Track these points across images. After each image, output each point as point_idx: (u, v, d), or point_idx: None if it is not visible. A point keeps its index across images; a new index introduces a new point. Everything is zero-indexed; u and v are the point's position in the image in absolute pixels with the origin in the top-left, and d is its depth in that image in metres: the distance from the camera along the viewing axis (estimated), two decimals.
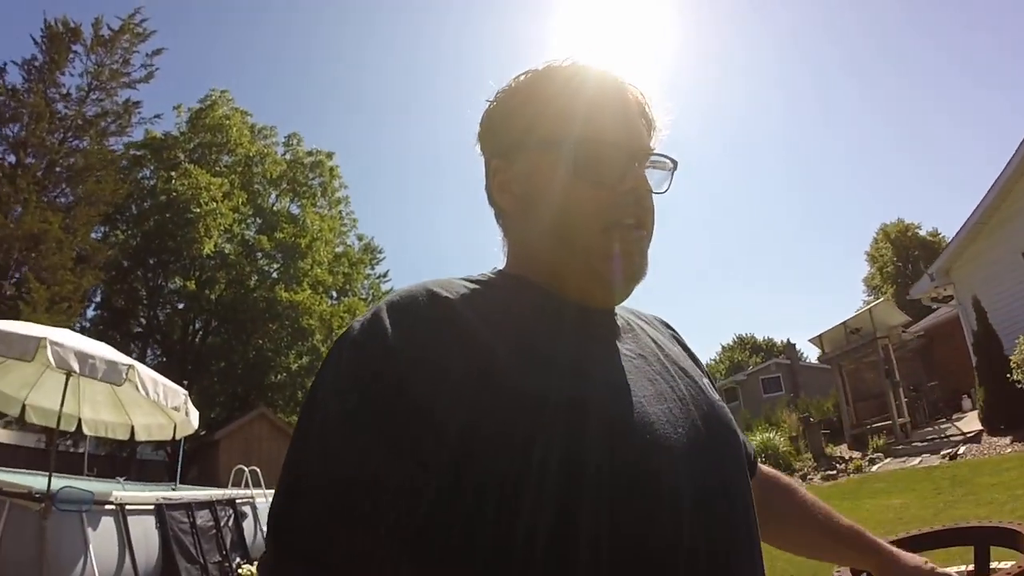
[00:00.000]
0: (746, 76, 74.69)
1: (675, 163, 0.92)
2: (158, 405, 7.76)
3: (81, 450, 15.18)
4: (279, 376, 30.02)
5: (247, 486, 10.61)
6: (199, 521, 8.27)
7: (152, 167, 29.95)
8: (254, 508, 9.91)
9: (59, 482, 6.41)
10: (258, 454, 18.89)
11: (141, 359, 27.44)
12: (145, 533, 7.28)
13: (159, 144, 29.94)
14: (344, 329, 0.76)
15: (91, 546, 6.36)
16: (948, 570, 1.12)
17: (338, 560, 0.65)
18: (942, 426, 14.08)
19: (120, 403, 8.76)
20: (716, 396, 0.92)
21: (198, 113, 31.46)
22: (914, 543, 3.49)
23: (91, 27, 24.58)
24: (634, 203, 0.86)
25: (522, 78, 0.93)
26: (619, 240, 0.85)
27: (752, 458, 1.10)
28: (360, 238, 38.61)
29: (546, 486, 0.65)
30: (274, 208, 33.67)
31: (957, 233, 14.78)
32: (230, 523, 9.11)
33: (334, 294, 34.48)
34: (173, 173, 27.88)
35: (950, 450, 11.54)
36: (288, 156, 34.81)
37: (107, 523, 6.78)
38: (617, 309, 0.95)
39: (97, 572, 6.28)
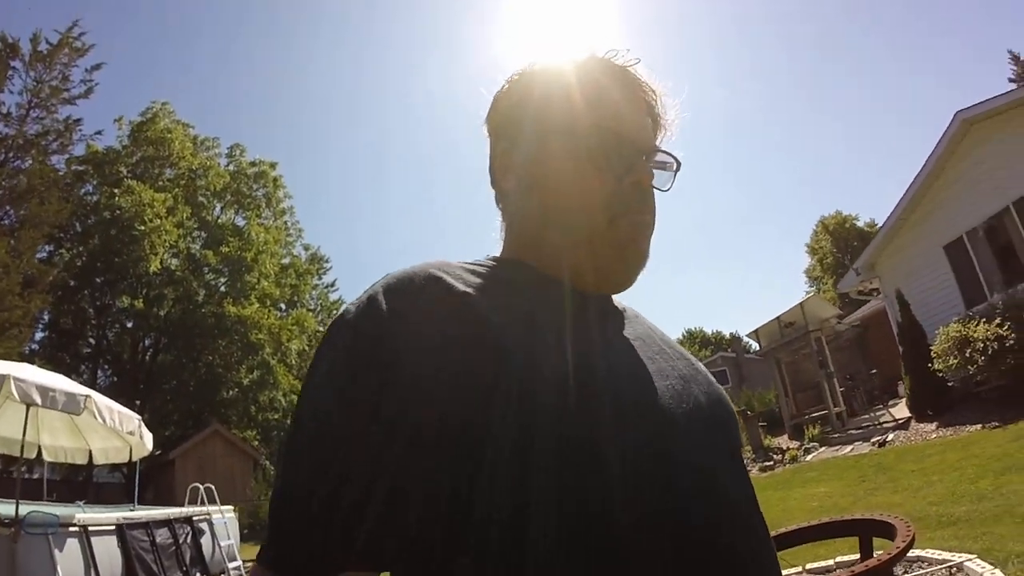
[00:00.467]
0: (686, 67, 76.18)
1: (679, 163, 0.92)
2: (114, 430, 8.10)
3: (36, 476, 15.23)
4: (231, 392, 30.05)
5: (203, 503, 10.90)
6: (159, 539, 8.59)
7: (95, 182, 29.78)
8: (211, 524, 10.20)
9: (24, 508, 6.71)
10: (213, 471, 19.01)
11: (92, 380, 27.31)
12: (108, 552, 7.60)
13: (101, 159, 29.80)
14: (332, 316, 0.82)
15: (59, 567, 6.68)
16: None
17: (327, 545, 0.64)
18: (877, 413, 14.60)
19: (78, 429, 9.07)
20: (712, 377, 0.92)
21: (139, 126, 31.40)
22: (802, 535, 4.04)
23: (29, 42, 24.40)
24: (638, 199, 0.85)
25: (537, 65, 0.93)
26: (628, 227, 0.84)
27: None
28: (307, 248, 38.93)
29: (553, 457, 0.64)
30: (219, 221, 33.69)
31: (880, 228, 15.47)
32: (188, 540, 9.42)
33: (283, 306, 34.65)
34: (116, 190, 27.75)
35: (880, 437, 12.08)
36: (232, 167, 34.87)
37: (72, 544, 7.09)
38: (613, 297, 0.95)
39: None
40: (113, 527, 7.92)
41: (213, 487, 11.47)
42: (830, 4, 71.99)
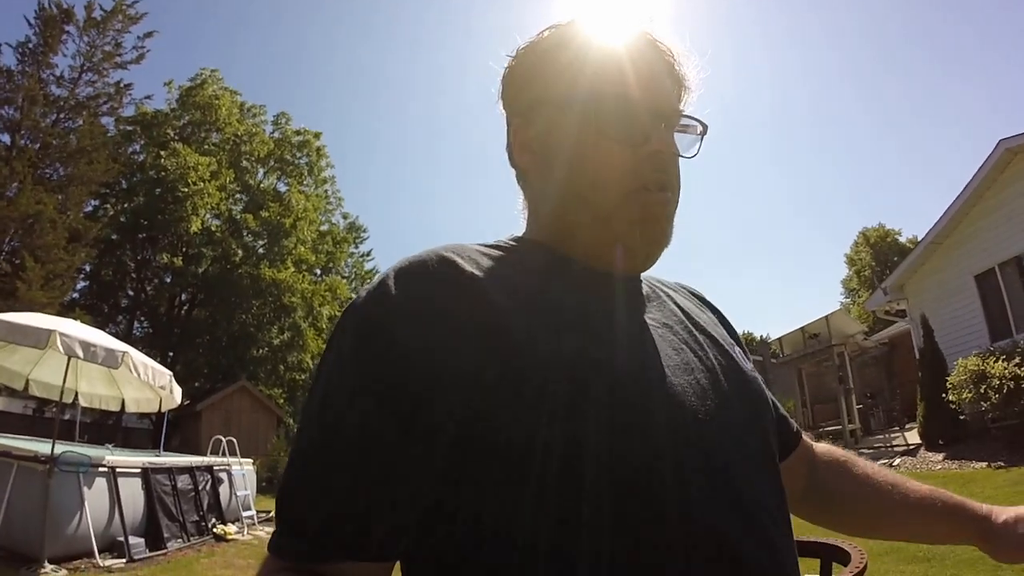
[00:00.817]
0: (741, 66, 75.27)
1: (705, 127, 0.89)
2: (147, 384, 8.79)
3: (69, 417, 16.16)
4: (261, 351, 30.71)
5: (224, 455, 11.55)
6: (180, 484, 9.27)
7: (142, 142, 30.42)
8: (230, 475, 10.93)
9: (58, 447, 7.32)
10: (238, 425, 19.80)
11: (128, 331, 28.15)
12: (132, 493, 8.29)
13: (149, 121, 30.40)
14: (347, 301, 0.89)
15: (87, 503, 7.38)
16: None
17: (342, 527, 0.64)
18: (892, 435, 14.45)
19: (114, 380, 9.76)
20: (749, 365, 0.89)
21: (188, 91, 31.95)
22: None
23: (84, 9, 24.89)
24: (658, 167, 0.81)
25: (545, 33, 0.89)
26: (643, 204, 0.80)
27: (794, 430, 1.06)
28: (345, 216, 39.32)
29: (558, 456, 0.62)
30: (261, 185, 34.24)
31: (913, 251, 15.33)
32: (207, 487, 10.12)
33: (317, 271, 35.13)
34: (163, 152, 28.44)
35: (887, 461, 11.76)
36: (276, 135, 35.29)
37: (100, 483, 7.79)
38: (642, 277, 0.91)
39: (92, 525, 7.31)
40: (139, 470, 8.59)
41: (235, 440, 12.14)
42: (892, 21, 70.73)
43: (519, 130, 0.90)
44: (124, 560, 7.53)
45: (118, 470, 8.14)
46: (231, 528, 10.00)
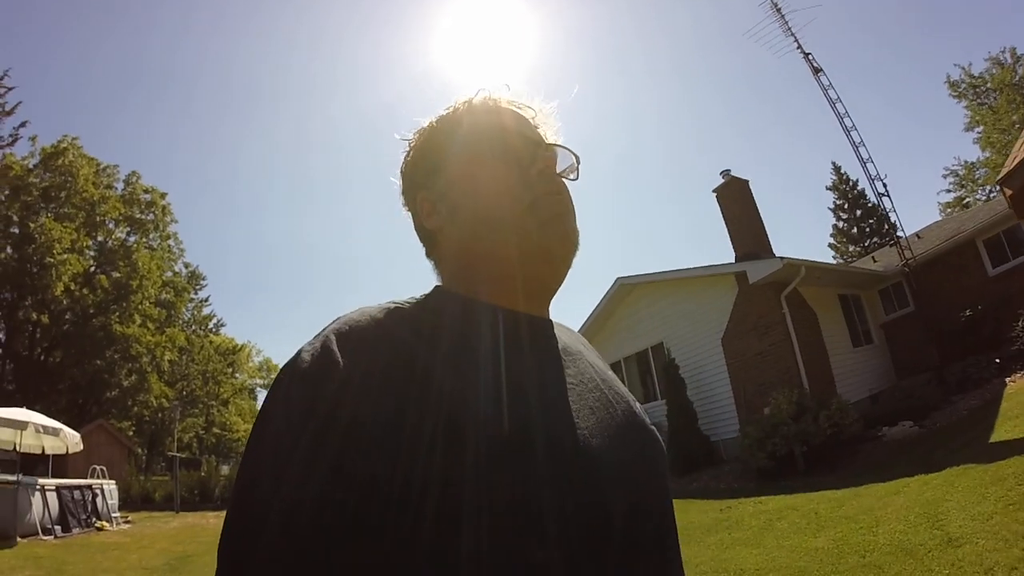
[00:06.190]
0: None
1: (576, 155, 0.94)
2: (64, 441, 15.13)
3: None
4: (113, 392, 35.62)
5: (98, 477, 17.36)
6: (75, 496, 15.16)
7: (7, 192, 33.48)
8: (102, 491, 16.80)
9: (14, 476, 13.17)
10: (97, 456, 24.39)
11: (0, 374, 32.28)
12: (53, 502, 14.12)
13: (15, 182, 33.49)
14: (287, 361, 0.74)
15: (33, 507, 13.13)
16: None
17: None
18: None
19: (39, 436, 15.43)
20: (647, 420, 0.92)
21: (50, 156, 35.64)
22: None
23: None
24: (549, 181, 0.88)
25: (424, 123, 0.97)
26: (545, 207, 0.86)
27: None
28: (187, 266, 44.71)
29: (490, 521, 0.63)
30: (113, 236, 38.81)
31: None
32: (89, 498, 16.02)
33: (161, 321, 40.08)
34: (32, 224, 32.36)
35: None
36: (127, 191, 39.78)
37: (38, 495, 13.59)
38: (557, 333, 0.91)
39: (36, 518, 13.23)
40: (55, 487, 14.40)
41: (105, 468, 18.34)
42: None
43: (424, 200, 0.94)
44: (52, 536, 13.34)
45: (46, 487, 14.05)
46: (106, 524, 15.87)
